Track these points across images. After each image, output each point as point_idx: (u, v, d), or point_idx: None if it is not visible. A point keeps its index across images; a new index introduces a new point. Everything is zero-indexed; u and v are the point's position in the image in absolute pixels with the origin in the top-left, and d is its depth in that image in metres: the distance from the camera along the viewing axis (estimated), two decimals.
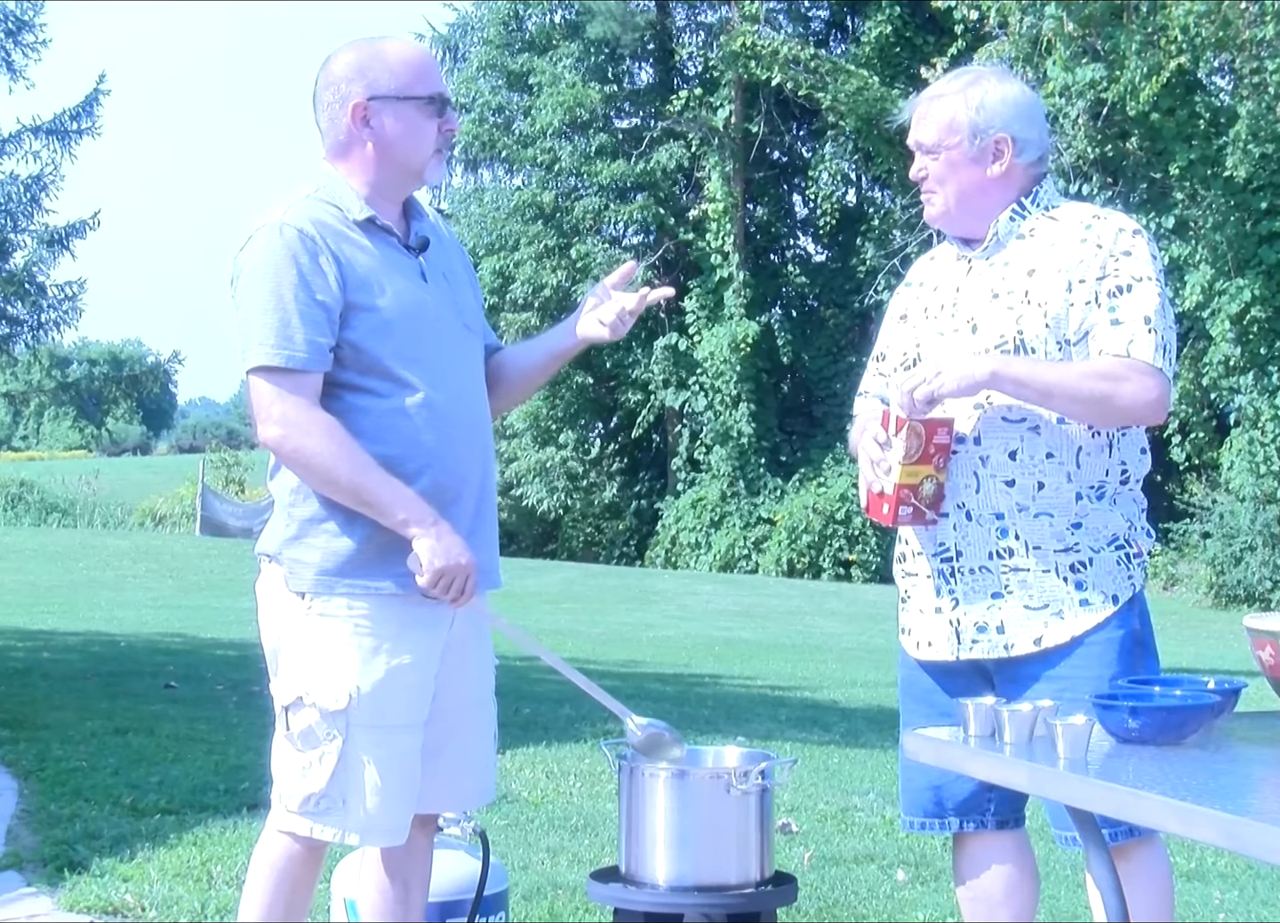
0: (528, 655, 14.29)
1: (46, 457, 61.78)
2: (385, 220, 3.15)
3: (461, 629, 3.21)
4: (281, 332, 3.01)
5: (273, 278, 3.03)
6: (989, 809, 3.35)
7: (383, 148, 3.14)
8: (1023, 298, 3.22)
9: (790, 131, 31.70)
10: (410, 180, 3.19)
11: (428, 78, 3.16)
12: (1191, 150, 22.69)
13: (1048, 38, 20.86)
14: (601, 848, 5.34)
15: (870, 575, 27.19)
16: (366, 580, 3.08)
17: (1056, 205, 3.34)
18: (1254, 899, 5.18)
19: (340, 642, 3.07)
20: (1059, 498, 3.19)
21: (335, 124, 3.16)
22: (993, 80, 3.31)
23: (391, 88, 3.11)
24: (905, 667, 3.43)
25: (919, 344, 3.34)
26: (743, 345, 28.88)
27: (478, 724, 3.31)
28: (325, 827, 3.07)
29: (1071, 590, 3.19)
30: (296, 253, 3.03)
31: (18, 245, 15.89)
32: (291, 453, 3.03)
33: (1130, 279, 3.18)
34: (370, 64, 3.12)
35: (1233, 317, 22.72)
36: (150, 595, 18.10)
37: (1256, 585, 22.84)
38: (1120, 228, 3.25)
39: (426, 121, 3.14)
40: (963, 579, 3.24)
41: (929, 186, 3.33)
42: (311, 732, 3.06)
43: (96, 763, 6.56)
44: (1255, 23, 19.99)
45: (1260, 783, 2.39)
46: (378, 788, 3.06)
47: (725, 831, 3.20)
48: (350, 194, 3.13)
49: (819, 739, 8.52)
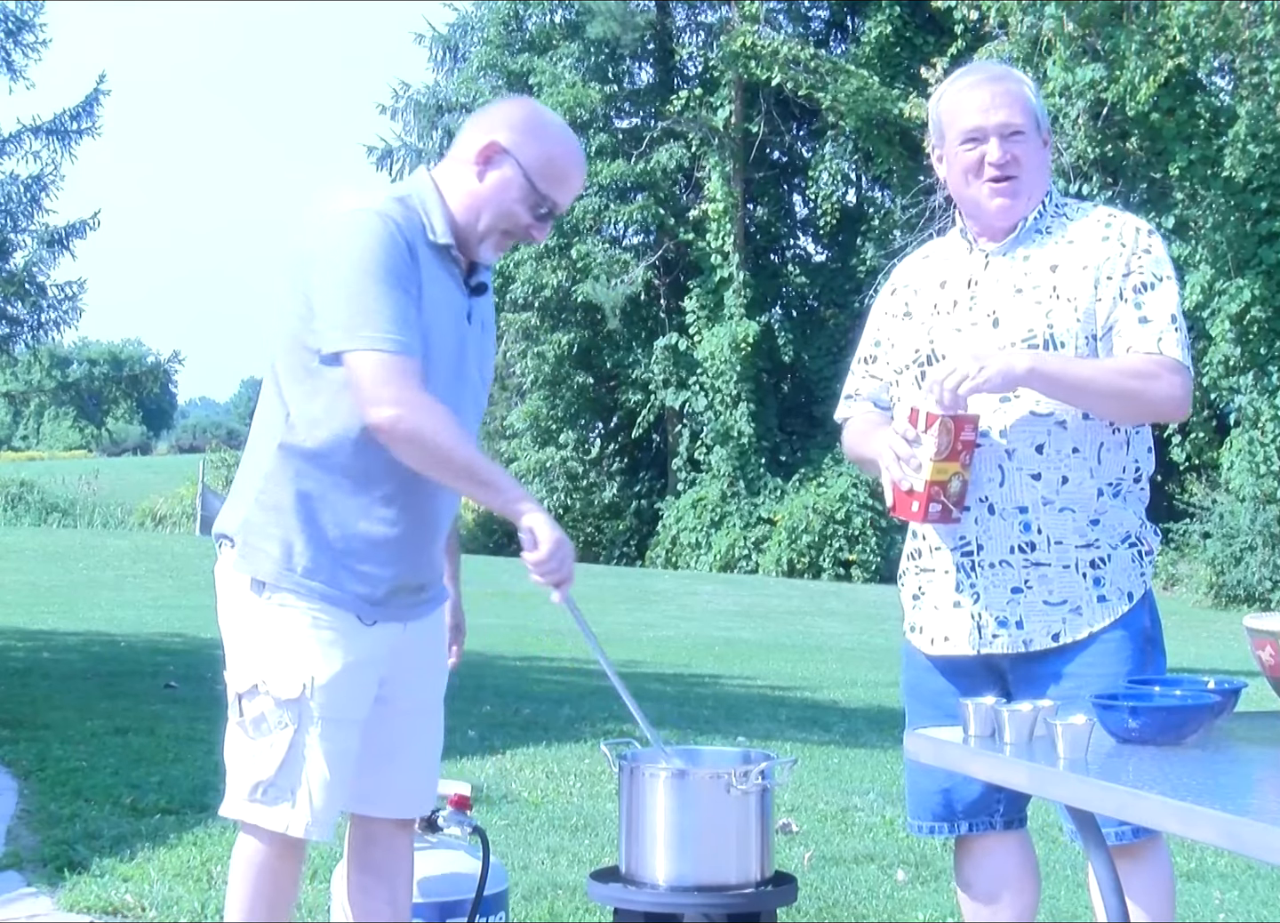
0: (528, 655, 14.17)
1: (46, 457, 61.77)
2: (456, 253, 3.16)
3: (418, 636, 3.24)
4: (395, 317, 2.99)
5: (382, 262, 3.00)
6: (998, 811, 3.35)
7: (477, 192, 3.14)
8: (1051, 293, 3.21)
9: (790, 131, 31.70)
10: (471, 236, 3.17)
11: (558, 184, 3.17)
12: (1191, 150, 22.69)
13: (1048, 38, 20.87)
14: (601, 848, 5.34)
15: (870, 575, 27.18)
16: (326, 586, 3.09)
17: (1065, 204, 3.36)
18: (1254, 899, 5.19)
19: (298, 631, 3.08)
20: (1081, 493, 3.20)
21: (465, 144, 3.17)
22: None
23: (528, 162, 3.13)
24: (912, 668, 3.41)
25: (933, 341, 3.31)
26: (743, 345, 28.88)
27: (430, 731, 3.34)
28: (272, 816, 3.08)
29: (1090, 587, 3.20)
30: (397, 244, 3.03)
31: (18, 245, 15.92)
32: (407, 433, 2.99)
33: (1153, 277, 3.21)
34: (534, 132, 3.16)
35: (1233, 317, 22.71)
36: (150, 595, 18.10)
37: (1256, 585, 22.84)
38: (1137, 227, 3.28)
39: (523, 209, 3.15)
40: (984, 573, 3.23)
41: (1013, 171, 3.25)
42: (264, 719, 3.08)
43: (96, 763, 6.57)
44: (1255, 23, 19.99)
45: (1260, 783, 2.39)
46: (324, 781, 3.08)
47: (725, 831, 3.20)
48: (440, 214, 3.13)
49: (819, 739, 8.52)
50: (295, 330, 3.08)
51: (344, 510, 3.10)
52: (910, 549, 3.42)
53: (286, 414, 3.11)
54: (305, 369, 3.08)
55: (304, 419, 3.09)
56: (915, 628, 3.39)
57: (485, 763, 7.02)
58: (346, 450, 3.08)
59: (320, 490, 3.09)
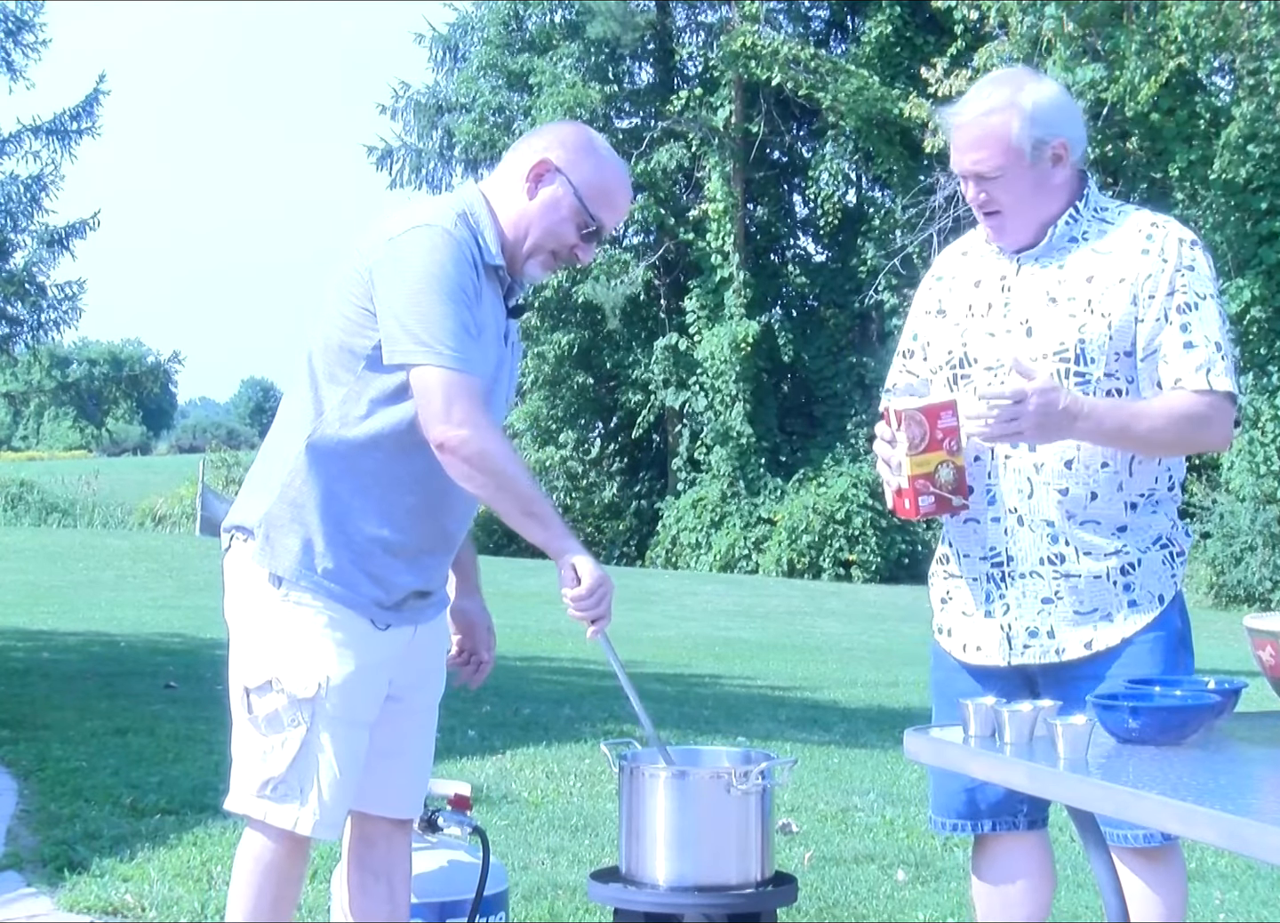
0: (528, 655, 14.17)
1: (46, 457, 61.76)
2: (504, 274, 3.17)
3: (426, 638, 3.26)
4: (461, 337, 3.00)
5: (455, 280, 3.02)
6: (1021, 810, 3.34)
7: (527, 210, 3.15)
8: (1085, 306, 3.17)
9: (790, 131, 31.68)
10: (517, 254, 3.18)
11: (607, 205, 3.18)
12: (1191, 150, 22.69)
13: (1048, 38, 20.85)
14: (601, 848, 5.35)
15: (870, 576, 27.18)
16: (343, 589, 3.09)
17: (1105, 207, 3.30)
18: (1254, 899, 5.19)
19: (315, 630, 3.08)
20: (1110, 508, 3.18)
21: (518, 162, 3.18)
22: (1033, 83, 3.23)
23: (578, 180, 3.15)
24: (942, 668, 3.40)
25: (965, 343, 3.28)
26: (743, 345, 28.87)
27: (425, 732, 3.37)
28: (280, 813, 3.08)
29: (1120, 593, 3.19)
30: (464, 266, 3.05)
31: (18, 245, 15.92)
32: (474, 455, 2.98)
33: (1196, 297, 3.16)
34: (586, 152, 3.18)
35: (1233, 317, 22.69)
36: (150, 595, 18.09)
37: (1256, 585, 22.82)
38: (1180, 239, 3.21)
39: (571, 228, 3.16)
40: (1014, 584, 3.22)
41: (992, 208, 3.23)
42: (277, 716, 3.08)
43: (96, 763, 6.56)
44: (1255, 23, 19.98)
45: (1260, 783, 2.39)
46: (334, 780, 3.08)
47: (725, 831, 3.20)
48: (493, 233, 3.14)
49: (819, 739, 8.52)
50: (342, 333, 3.09)
51: (368, 515, 3.10)
52: (940, 553, 3.41)
53: (320, 413, 3.10)
54: (349, 371, 3.08)
55: (340, 420, 3.09)
56: (944, 630, 3.38)
57: (485, 763, 7.02)
58: (380, 457, 3.08)
59: (348, 493, 3.10)
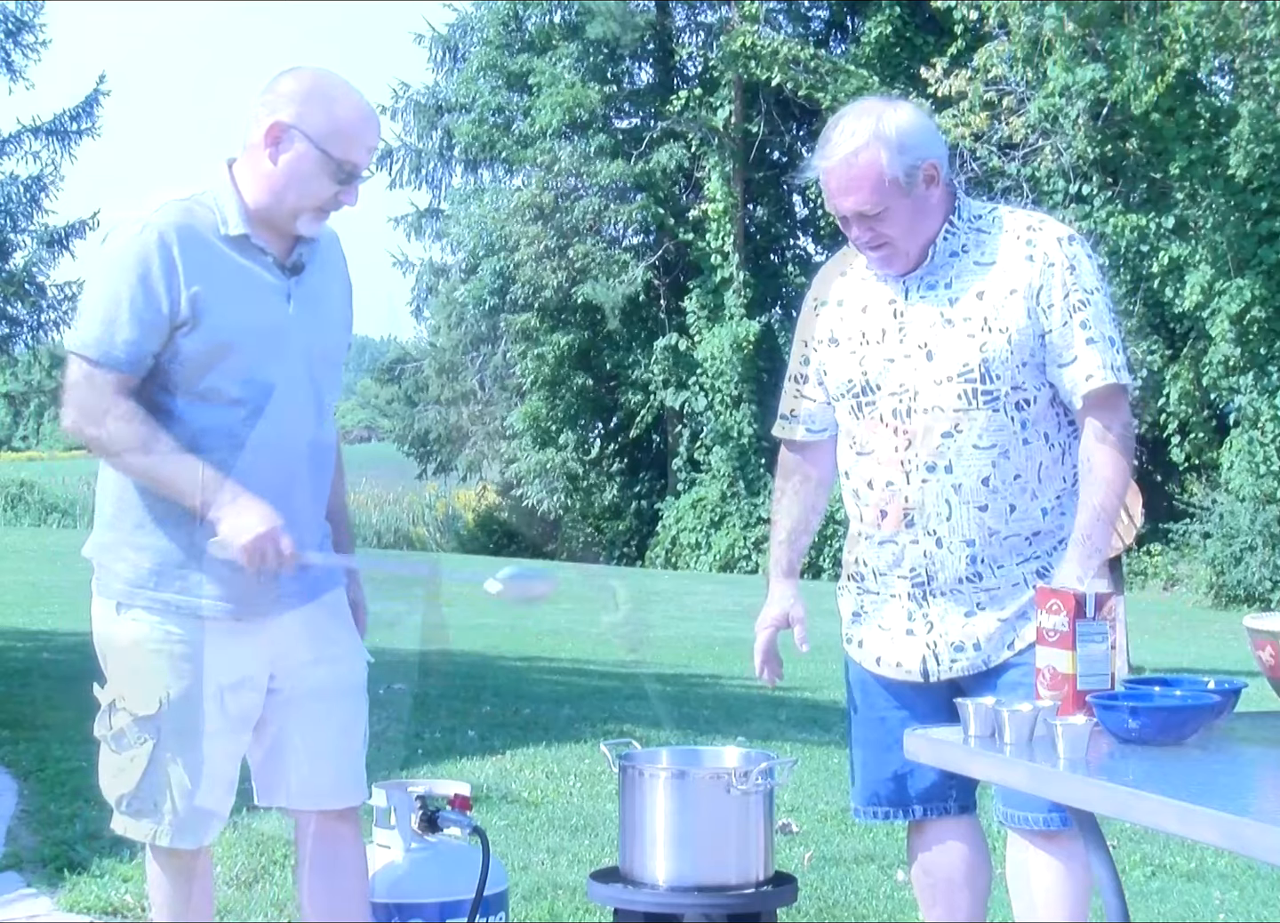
0: (528, 655, 14.14)
1: (46, 457, 61.64)
2: (259, 240, 3.12)
3: (305, 623, 3.19)
4: (107, 328, 3.03)
5: (117, 275, 3.05)
6: (951, 795, 3.37)
7: (273, 175, 3.11)
8: (982, 325, 3.19)
9: (790, 131, 31.65)
10: (285, 220, 3.14)
11: (352, 145, 3.11)
12: (1192, 150, 22.67)
13: (1048, 38, 20.86)
14: (601, 848, 5.34)
15: None
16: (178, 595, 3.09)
17: (979, 215, 3.30)
18: (1254, 899, 5.18)
19: (151, 649, 3.11)
20: (1027, 517, 3.23)
21: (251, 132, 3.14)
22: (889, 111, 3.21)
23: (314, 131, 3.08)
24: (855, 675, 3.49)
25: (865, 371, 3.28)
26: (743, 345, 28.86)
27: (336, 719, 3.27)
28: (137, 827, 3.17)
29: None
30: (149, 256, 3.03)
31: (18, 245, 15.92)
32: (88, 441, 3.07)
33: (1085, 292, 3.20)
34: (313, 98, 3.10)
35: (1233, 317, 22.69)
36: None
37: (1256, 585, 22.80)
38: (1059, 237, 3.24)
39: (325, 180, 3.10)
40: (935, 602, 3.26)
41: (879, 241, 3.22)
42: (124, 735, 3.14)
43: (96, 763, 6.55)
44: (1256, 23, 19.98)
45: (1260, 783, 2.39)
46: (186, 791, 3.12)
47: (725, 831, 3.20)
48: (234, 206, 3.11)
49: (819, 739, 8.51)
50: None
51: (180, 517, 3.07)
52: (850, 571, 3.44)
53: None
54: None
55: None
56: (854, 642, 3.44)
57: (485, 763, 7.01)
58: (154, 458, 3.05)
59: (151, 500, 3.09)
